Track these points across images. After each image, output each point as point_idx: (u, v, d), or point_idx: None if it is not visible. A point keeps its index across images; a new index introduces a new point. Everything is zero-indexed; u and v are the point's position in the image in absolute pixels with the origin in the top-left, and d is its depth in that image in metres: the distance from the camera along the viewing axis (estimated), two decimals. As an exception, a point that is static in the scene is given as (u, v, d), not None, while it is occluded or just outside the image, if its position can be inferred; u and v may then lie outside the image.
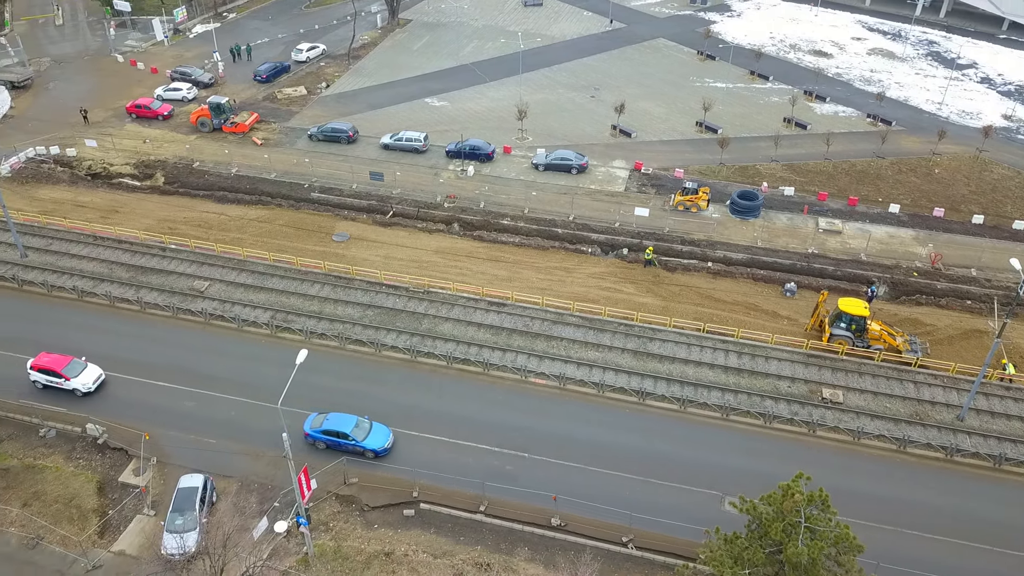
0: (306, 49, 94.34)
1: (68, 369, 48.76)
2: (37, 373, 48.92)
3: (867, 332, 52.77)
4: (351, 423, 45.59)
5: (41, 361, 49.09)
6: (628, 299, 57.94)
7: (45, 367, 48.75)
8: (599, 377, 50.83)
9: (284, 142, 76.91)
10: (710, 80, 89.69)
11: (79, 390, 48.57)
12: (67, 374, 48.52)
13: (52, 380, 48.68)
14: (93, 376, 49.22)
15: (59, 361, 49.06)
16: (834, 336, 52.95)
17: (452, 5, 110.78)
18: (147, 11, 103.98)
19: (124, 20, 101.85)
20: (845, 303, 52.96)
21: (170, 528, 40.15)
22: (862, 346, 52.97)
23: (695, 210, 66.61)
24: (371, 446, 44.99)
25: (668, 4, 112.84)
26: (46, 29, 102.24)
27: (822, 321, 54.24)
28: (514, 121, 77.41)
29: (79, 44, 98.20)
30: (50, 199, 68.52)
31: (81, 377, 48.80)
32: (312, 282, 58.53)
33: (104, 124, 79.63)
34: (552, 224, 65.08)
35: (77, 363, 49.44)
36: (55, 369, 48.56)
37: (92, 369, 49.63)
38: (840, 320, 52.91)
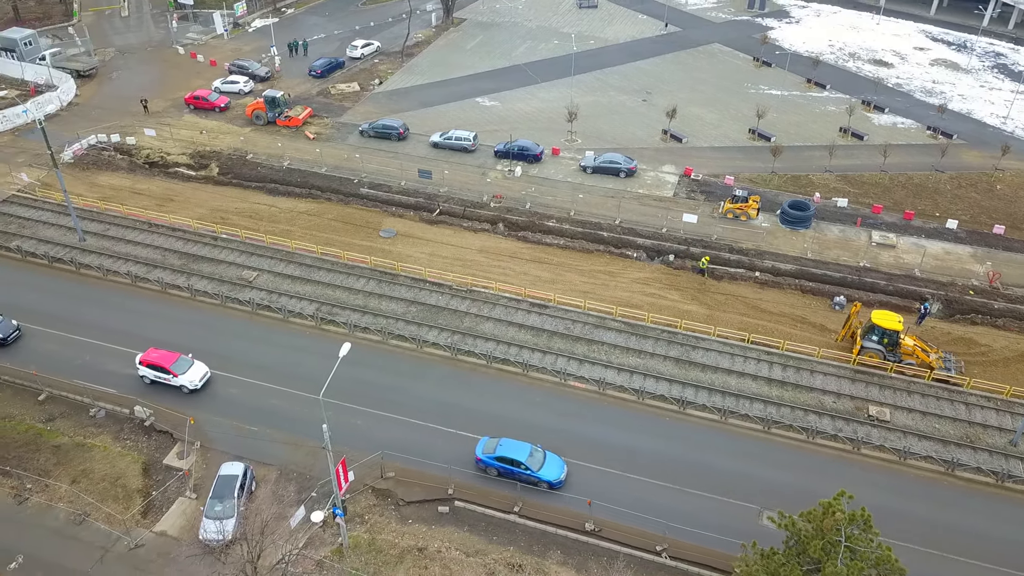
0: (361, 46, 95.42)
1: (176, 366, 48.84)
2: (145, 368, 49.09)
3: (899, 347, 51.70)
4: (525, 451, 43.59)
5: (150, 357, 49.15)
6: (672, 306, 57.36)
7: (154, 363, 48.85)
8: (639, 384, 50.40)
9: (336, 137, 77.90)
10: (765, 87, 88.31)
11: (186, 387, 48.71)
12: (175, 370, 48.63)
13: (160, 376, 48.81)
14: (200, 373, 49.28)
15: (167, 357, 49.11)
16: (865, 349, 52.01)
17: (507, 5, 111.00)
18: (209, 5, 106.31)
19: (186, 13, 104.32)
20: (878, 316, 51.87)
21: (209, 514, 40.95)
22: (893, 360, 51.86)
23: (744, 218, 65.64)
24: (546, 477, 43.04)
25: (725, 9, 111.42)
26: (112, 20, 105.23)
27: (854, 333, 53.36)
28: (564, 123, 77.23)
29: (143, 35, 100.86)
30: (109, 185, 70.48)
31: (188, 374, 48.87)
32: (358, 276, 59.19)
33: (163, 114, 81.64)
34: (598, 227, 64.75)
35: (184, 360, 49.49)
36: (164, 365, 48.62)
37: (198, 366, 49.67)
38: (872, 333, 51.92)
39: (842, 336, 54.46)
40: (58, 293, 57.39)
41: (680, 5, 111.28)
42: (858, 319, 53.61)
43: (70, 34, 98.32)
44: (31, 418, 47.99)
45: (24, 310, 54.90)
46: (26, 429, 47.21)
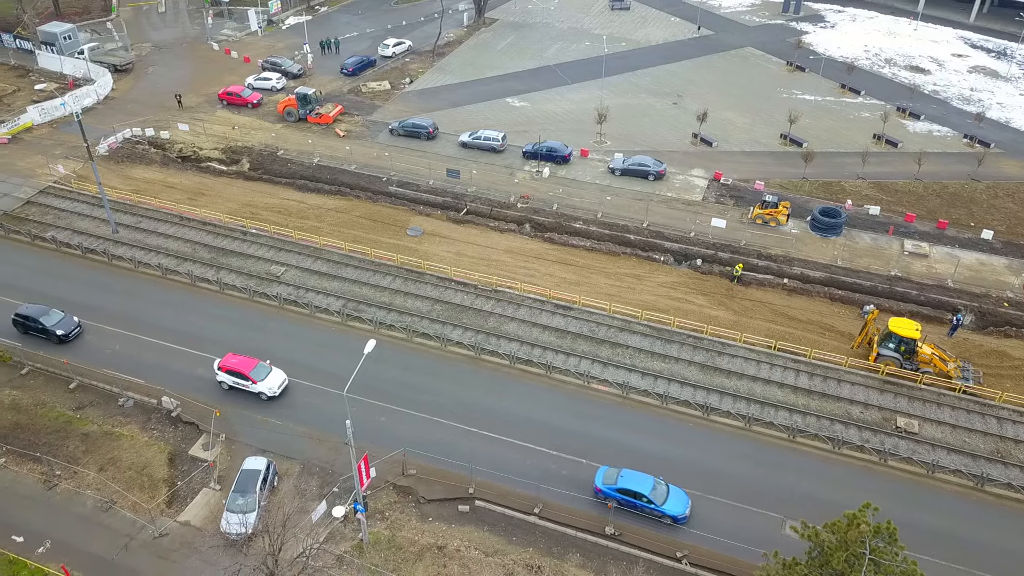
0: (392, 44, 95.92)
1: (255, 372, 48.34)
2: (224, 374, 48.70)
3: (917, 355, 51.15)
4: (648, 484, 41.98)
5: (229, 363, 48.75)
6: (698, 311, 56.92)
7: (233, 368, 48.46)
8: (663, 388, 50.10)
9: (366, 135, 78.37)
10: (798, 92, 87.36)
11: (264, 394, 48.23)
12: (254, 377, 48.13)
13: (239, 382, 48.37)
14: (278, 381, 48.75)
15: (246, 364, 48.62)
16: (881, 356, 51.54)
17: (539, 6, 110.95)
18: (244, 2, 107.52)
19: (222, 10, 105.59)
20: (896, 323, 51.46)
21: (231, 508, 41.35)
22: (910, 368, 51.31)
23: (774, 224, 64.98)
24: (671, 512, 41.41)
25: (759, 13, 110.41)
26: (149, 16, 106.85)
27: (871, 340, 52.84)
28: (593, 124, 77.01)
29: (178, 31, 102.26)
30: (142, 179, 71.52)
31: (267, 381, 48.38)
32: (384, 274, 59.49)
33: (196, 109, 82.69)
34: (625, 230, 64.45)
35: (263, 367, 48.98)
36: (243, 372, 48.22)
37: (277, 373, 49.15)
38: (889, 340, 51.43)
39: (858, 343, 53.94)
40: (90, 283, 58.33)
41: (713, 8, 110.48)
42: (875, 326, 53.07)
43: (108, 29, 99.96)
44: (62, 406, 48.84)
45: (56, 299, 55.85)
46: (57, 416, 48.06)
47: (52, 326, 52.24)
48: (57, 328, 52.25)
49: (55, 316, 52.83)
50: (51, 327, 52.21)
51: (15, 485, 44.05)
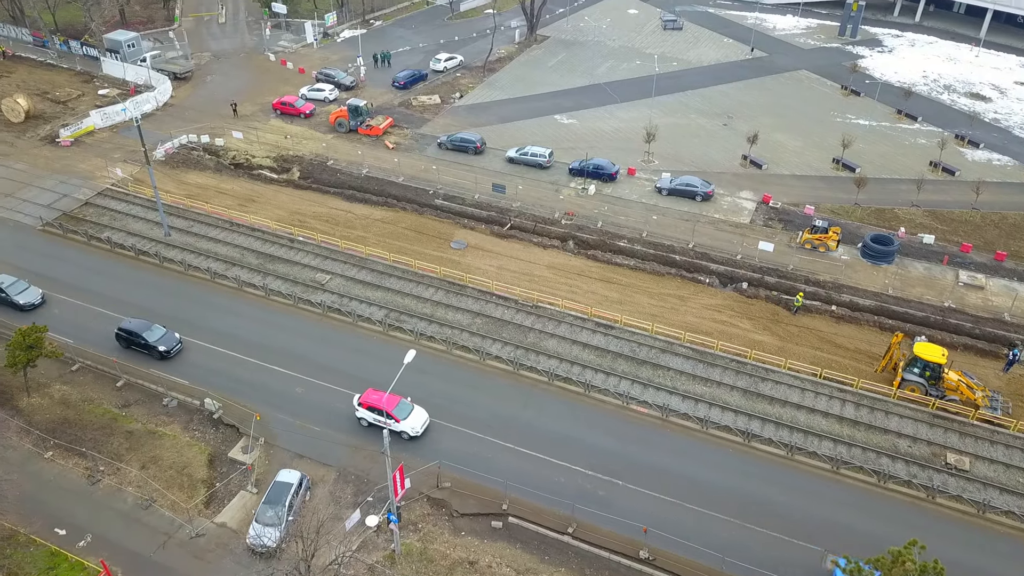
0: (444, 59, 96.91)
1: (397, 410, 46.81)
2: (365, 411, 47.31)
3: (943, 381, 49.93)
4: None
5: (369, 399, 47.30)
6: (743, 335, 55.96)
7: (374, 405, 46.90)
8: (704, 412, 49.25)
9: (414, 148, 79.12)
10: (852, 116, 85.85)
11: (407, 433, 46.55)
12: (397, 415, 46.59)
13: (380, 419, 46.67)
14: (420, 420, 47.16)
15: (388, 400, 46.64)
16: (906, 381, 50.48)
17: (591, 24, 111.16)
18: (301, 14, 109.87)
19: (279, 22, 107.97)
20: (921, 348, 50.57)
21: (259, 519, 41.30)
22: (936, 395, 50.04)
23: (823, 250, 63.71)
24: None
25: (814, 35, 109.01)
26: (209, 26, 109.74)
27: (896, 364, 51.75)
28: (641, 143, 76.63)
29: (237, 42, 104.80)
30: (196, 184, 73.18)
31: (410, 420, 46.81)
32: (427, 285, 59.76)
33: (251, 118, 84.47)
34: (670, 250, 63.81)
35: (405, 404, 47.42)
36: (385, 409, 46.57)
37: (419, 412, 47.60)
38: (914, 365, 50.38)
39: (882, 367, 52.90)
40: (140, 284, 59.68)
41: (768, 30, 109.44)
42: (900, 350, 52.10)
43: (170, 38, 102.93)
44: (108, 403, 49.93)
45: (107, 298, 57.35)
46: (103, 413, 49.13)
47: (155, 342, 52.30)
48: (159, 344, 52.33)
49: (157, 332, 52.89)
50: (153, 343, 52.27)
51: (60, 479, 45.07)
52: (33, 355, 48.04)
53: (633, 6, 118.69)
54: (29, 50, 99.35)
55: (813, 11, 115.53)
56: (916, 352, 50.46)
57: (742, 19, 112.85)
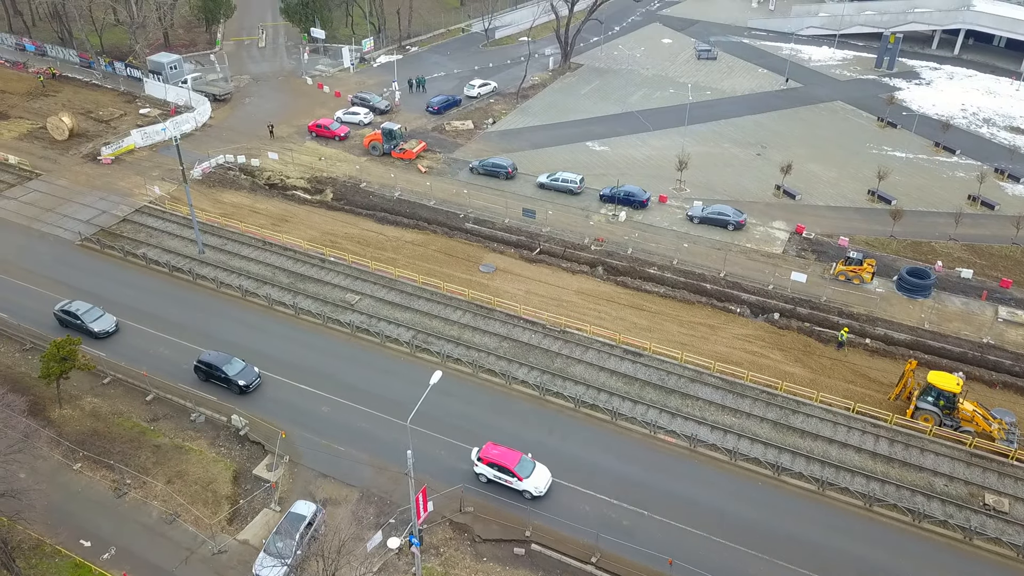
0: (478, 85, 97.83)
1: (520, 467, 44.43)
2: (485, 467, 45.04)
3: (957, 411, 49.02)
4: None
5: (490, 454, 45.03)
6: (774, 366, 55.04)
7: (495, 461, 44.64)
8: (733, 444, 48.36)
9: (446, 172, 79.66)
10: (888, 148, 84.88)
11: (529, 492, 44.25)
12: (519, 472, 44.18)
13: (502, 477, 44.50)
14: (544, 479, 44.47)
15: (509, 457, 44.82)
16: (919, 410, 49.58)
17: (625, 53, 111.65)
18: (339, 39, 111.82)
19: (318, 46, 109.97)
20: (935, 376, 49.76)
21: (268, 550, 40.51)
22: (950, 425, 49.14)
23: (858, 282, 62.68)
24: None
25: (850, 67, 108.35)
26: (250, 50, 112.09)
27: (910, 393, 50.94)
28: (673, 171, 76.40)
29: (276, 65, 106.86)
30: (231, 203, 74.25)
31: (533, 478, 44.27)
32: (455, 308, 59.76)
33: (287, 139, 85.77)
34: (701, 279, 63.22)
35: (527, 461, 44.99)
36: (507, 466, 44.31)
37: (542, 469, 44.97)
38: (928, 394, 49.54)
39: (895, 395, 52.09)
40: (173, 300, 60.43)
41: (803, 61, 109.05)
42: (915, 379, 51.22)
43: (211, 61, 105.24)
44: (137, 416, 50.38)
45: (141, 313, 58.16)
46: (132, 426, 49.57)
47: (234, 376, 51.35)
48: (239, 378, 51.30)
49: (237, 365, 51.98)
50: (233, 377, 51.30)
51: (87, 490, 45.41)
52: (66, 367, 48.71)
53: (667, 36, 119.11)
54: (76, 71, 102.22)
55: (849, 43, 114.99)
56: (930, 380, 49.78)
57: (777, 50, 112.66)
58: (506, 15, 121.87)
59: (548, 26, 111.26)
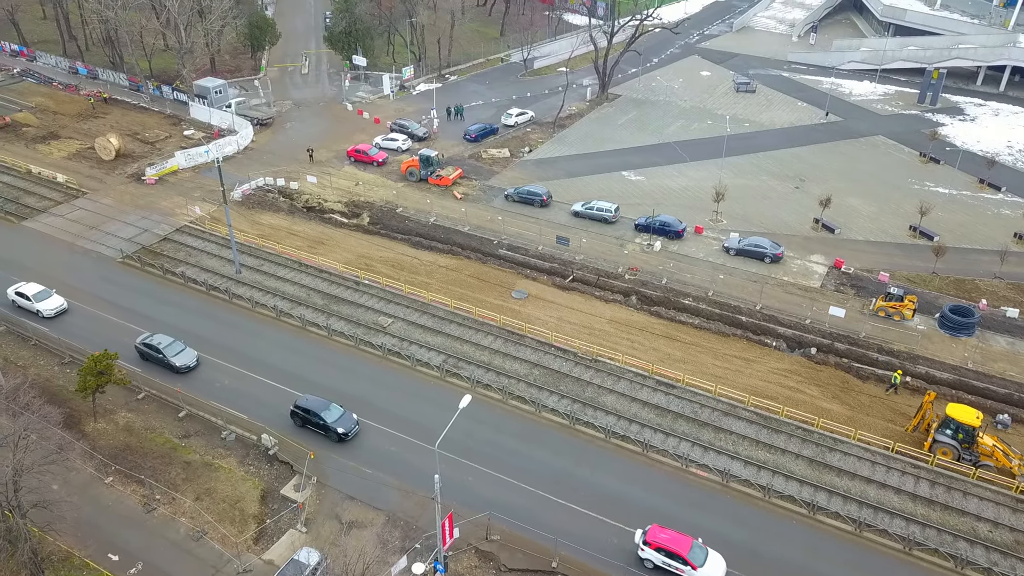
0: (515, 114, 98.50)
1: (693, 555, 40.84)
2: (652, 552, 41.47)
3: (976, 445, 47.83)
4: None
5: (658, 538, 41.50)
6: (810, 402, 53.83)
7: (666, 547, 41.07)
8: (767, 480, 47.21)
9: (481, 199, 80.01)
10: (931, 184, 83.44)
11: None
12: (693, 560, 40.60)
13: (672, 564, 40.98)
14: (720, 569, 40.95)
15: (681, 543, 41.26)
16: (937, 443, 48.53)
17: (663, 84, 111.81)
18: (380, 67, 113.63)
19: (359, 74, 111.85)
20: (954, 409, 48.84)
21: None
22: (969, 460, 47.85)
23: (898, 318, 61.29)
24: None
25: (892, 102, 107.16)
26: (292, 76, 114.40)
27: (928, 425, 49.89)
28: (710, 202, 75.83)
29: (317, 91, 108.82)
30: (269, 224, 75.29)
31: (708, 568, 40.75)
32: (486, 333, 59.58)
33: (326, 164, 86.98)
34: (736, 311, 62.33)
35: (699, 548, 41.59)
36: (680, 553, 40.76)
37: (716, 558, 41.39)
38: (947, 426, 48.37)
39: (913, 427, 51.05)
40: (209, 318, 61.18)
41: (843, 95, 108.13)
42: (933, 411, 50.10)
43: (255, 86, 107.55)
44: (169, 432, 50.79)
45: (176, 329, 58.85)
46: (163, 442, 49.96)
47: (333, 423, 49.49)
48: (338, 426, 49.41)
49: (335, 412, 50.14)
50: (332, 424, 49.47)
51: (117, 505, 45.71)
52: (103, 381, 49.40)
53: (706, 68, 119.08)
54: (125, 93, 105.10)
55: (891, 78, 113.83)
56: (949, 413, 48.75)
57: (817, 84, 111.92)
58: (545, 46, 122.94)
59: (586, 57, 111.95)
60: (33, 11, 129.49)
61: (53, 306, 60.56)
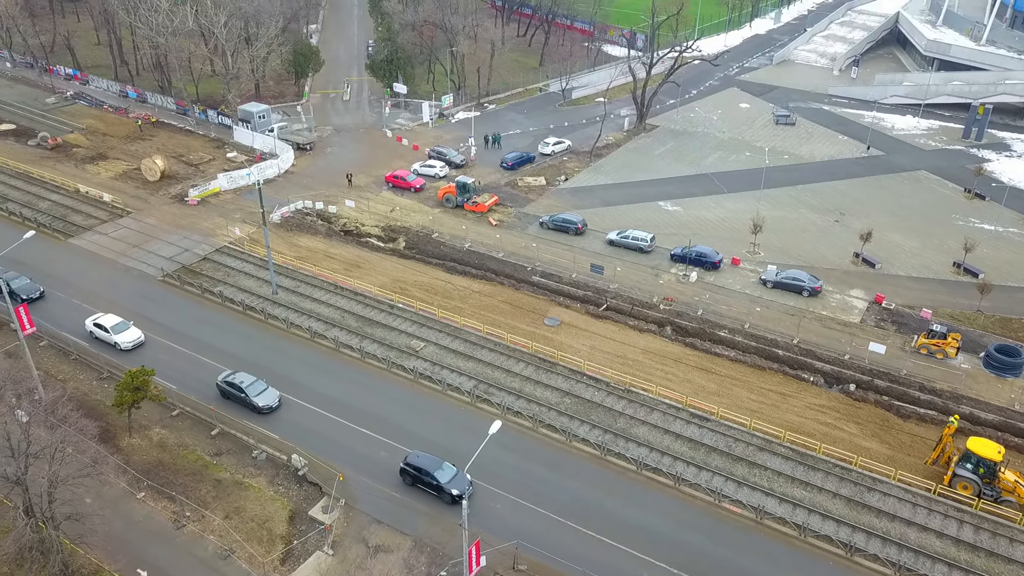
0: (552, 143, 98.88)
1: None
2: None
3: (998, 480, 46.43)
4: None
5: None
6: (848, 440, 52.47)
7: None
8: (803, 519, 45.95)
9: (516, 226, 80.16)
10: (976, 220, 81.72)
11: None
12: None
13: None
14: None
15: None
16: (957, 477, 47.23)
17: (701, 115, 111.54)
18: (420, 95, 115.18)
19: (399, 101, 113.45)
20: (975, 442, 47.65)
21: None
22: (990, 495, 46.39)
23: (941, 356, 59.72)
24: None
25: (936, 137, 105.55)
26: (334, 102, 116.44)
27: (948, 458, 48.68)
28: (747, 234, 75.04)
29: (358, 117, 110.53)
30: (306, 247, 76.17)
31: None
32: (517, 360, 59.30)
33: (364, 189, 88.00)
34: (773, 344, 61.28)
35: None
36: None
37: None
38: (967, 460, 47.09)
39: (932, 459, 49.84)
40: (244, 337, 61.85)
41: (886, 129, 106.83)
42: (953, 444, 48.88)
43: (297, 111, 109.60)
44: (202, 450, 51.15)
45: (212, 348, 59.65)
46: (195, 459, 50.30)
47: (446, 484, 46.51)
48: (452, 487, 46.31)
49: (448, 471, 47.20)
50: (445, 485, 46.51)
51: (148, 520, 46.01)
52: (139, 396, 50.02)
53: (745, 100, 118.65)
54: (172, 117, 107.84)
55: (935, 112, 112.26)
56: (969, 447, 47.53)
57: (858, 117, 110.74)
58: (583, 76, 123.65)
59: (625, 88, 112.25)
60: (88, 37, 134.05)
61: (131, 339, 59.83)
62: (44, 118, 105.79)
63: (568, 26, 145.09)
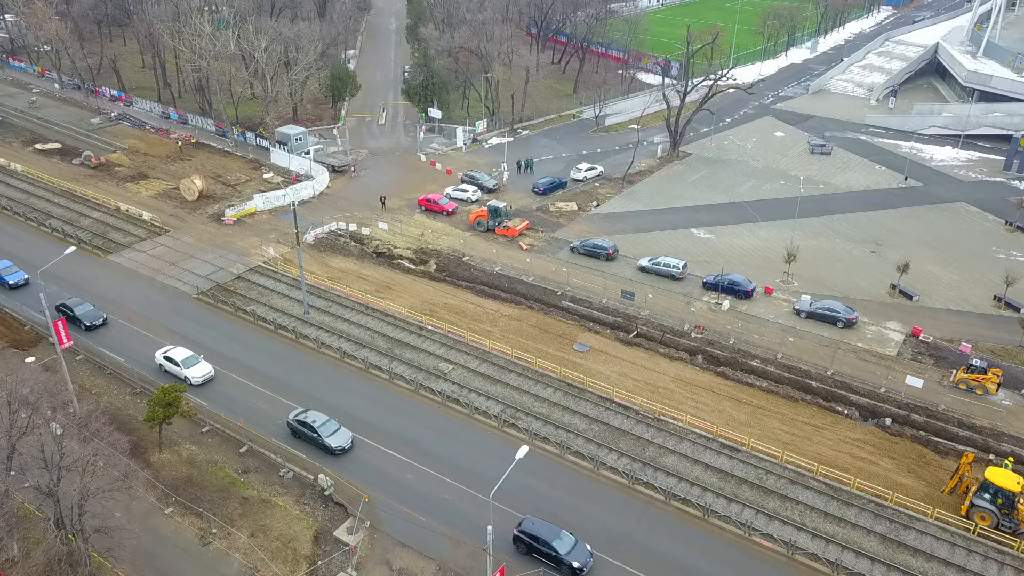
0: (584, 169, 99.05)
1: None
2: None
3: (1016, 511, 45.20)
4: None
5: None
6: (884, 475, 51.18)
7: None
8: (836, 555, 44.76)
9: (547, 250, 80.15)
10: (1017, 254, 79.97)
11: None
12: None
13: None
14: None
15: None
16: (975, 507, 46.16)
17: (735, 143, 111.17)
18: (454, 120, 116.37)
19: (433, 126, 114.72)
20: (993, 472, 46.70)
21: None
22: (1008, 527, 45.23)
23: (980, 392, 58.21)
24: None
25: (975, 168, 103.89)
26: (370, 126, 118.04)
27: (966, 487, 47.63)
28: (781, 263, 74.18)
29: (392, 141, 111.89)
30: (338, 268, 76.83)
31: None
32: (545, 385, 58.95)
33: (397, 211, 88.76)
34: (807, 375, 60.22)
35: None
36: None
37: None
38: (985, 490, 46.04)
39: (949, 488, 48.73)
40: (274, 356, 62.31)
41: (924, 160, 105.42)
42: (972, 473, 47.98)
43: (333, 135, 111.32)
44: (230, 467, 51.39)
45: (241, 365, 60.18)
46: (223, 476, 50.54)
47: (566, 555, 42.95)
48: (572, 559, 42.89)
49: (567, 541, 43.87)
50: (565, 556, 42.90)
51: (175, 536, 46.21)
52: (170, 412, 50.52)
53: (780, 129, 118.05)
54: (211, 138, 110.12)
55: (975, 144, 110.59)
56: (988, 477, 46.49)
57: (896, 147, 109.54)
58: (617, 103, 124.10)
59: (658, 115, 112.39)
60: (134, 60, 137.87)
61: (201, 373, 58.48)
62: (89, 138, 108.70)
63: (603, 53, 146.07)
